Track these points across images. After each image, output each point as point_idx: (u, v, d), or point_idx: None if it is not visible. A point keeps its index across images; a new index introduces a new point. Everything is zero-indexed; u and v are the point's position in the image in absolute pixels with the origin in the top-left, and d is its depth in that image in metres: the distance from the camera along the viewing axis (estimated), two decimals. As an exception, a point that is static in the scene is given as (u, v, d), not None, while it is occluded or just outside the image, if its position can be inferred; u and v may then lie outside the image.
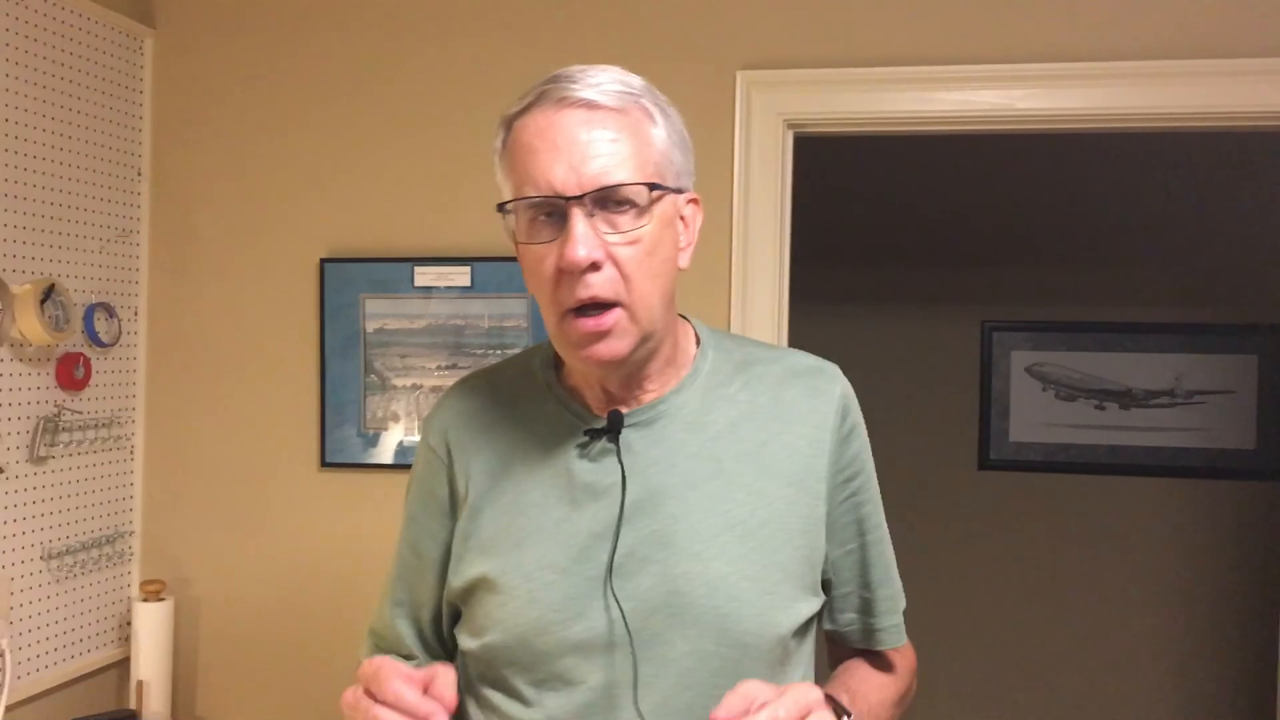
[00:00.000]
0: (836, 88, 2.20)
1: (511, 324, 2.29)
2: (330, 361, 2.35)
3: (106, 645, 2.32)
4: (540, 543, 1.15)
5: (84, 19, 2.21)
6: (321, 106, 2.37)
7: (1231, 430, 3.62)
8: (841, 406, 1.23)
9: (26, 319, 2.01)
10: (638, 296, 1.09)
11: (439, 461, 1.25)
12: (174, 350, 2.43)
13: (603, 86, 1.10)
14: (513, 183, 1.12)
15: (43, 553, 2.13)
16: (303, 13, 2.38)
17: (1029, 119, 2.16)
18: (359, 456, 2.35)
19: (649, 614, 1.12)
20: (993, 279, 3.78)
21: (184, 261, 2.43)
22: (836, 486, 1.22)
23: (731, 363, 1.24)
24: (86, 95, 2.23)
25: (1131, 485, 3.69)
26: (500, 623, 1.15)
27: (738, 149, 2.21)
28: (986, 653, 3.77)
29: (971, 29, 2.16)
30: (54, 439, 2.13)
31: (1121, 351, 3.68)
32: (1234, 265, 3.61)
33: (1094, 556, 3.71)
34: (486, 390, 1.28)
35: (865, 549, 1.25)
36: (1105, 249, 3.69)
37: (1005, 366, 3.78)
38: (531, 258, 1.11)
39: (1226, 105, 2.09)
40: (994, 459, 3.79)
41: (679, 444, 1.17)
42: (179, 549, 2.43)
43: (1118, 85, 2.11)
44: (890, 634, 1.29)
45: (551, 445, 1.20)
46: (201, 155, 2.42)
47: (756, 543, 1.15)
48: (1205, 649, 3.63)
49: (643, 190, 1.09)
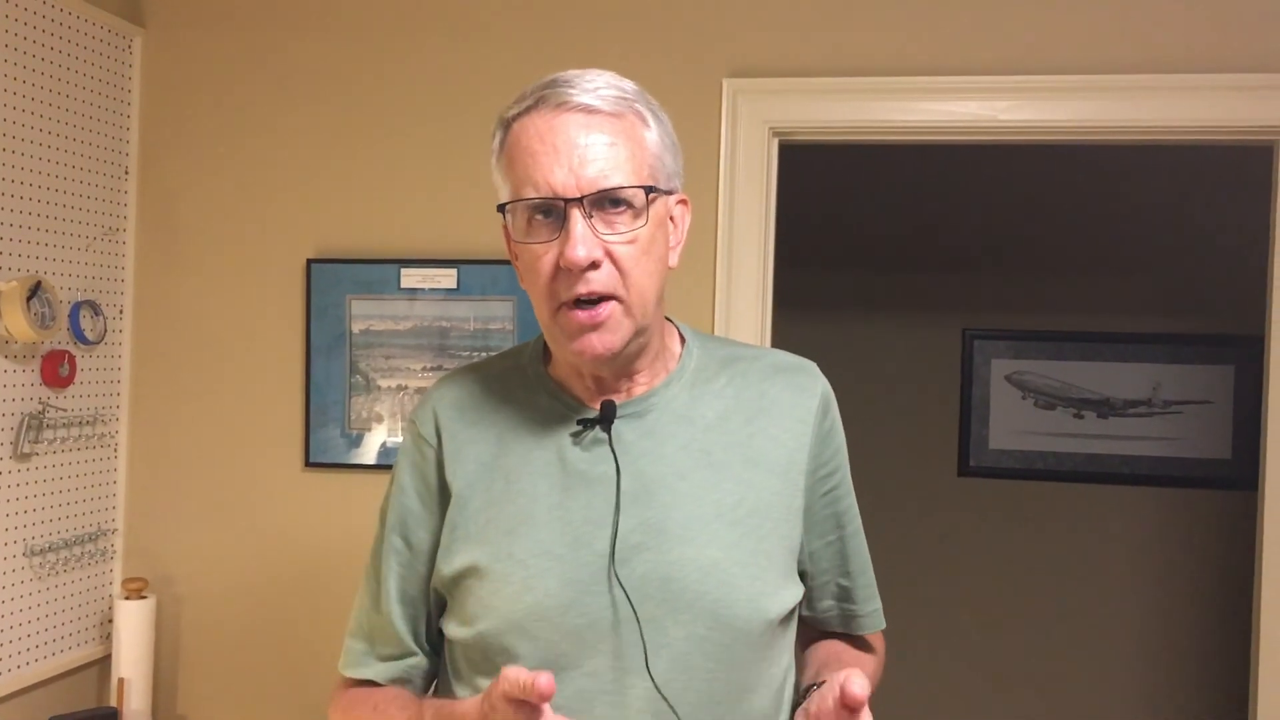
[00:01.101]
0: (822, 96, 2.22)
1: (497, 326, 2.30)
2: (316, 361, 2.36)
3: (88, 643, 2.32)
4: (533, 530, 1.17)
5: (73, 17, 2.21)
6: (310, 107, 2.38)
7: (1208, 440, 3.66)
8: (823, 403, 1.27)
9: (12, 316, 2.01)
10: (635, 293, 1.13)
11: (430, 449, 1.26)
12: (159, 349, 2.43)
13: (599, 91, 1.13)
14: (511, 183, 1.15)
15: (25, 549, 2.13)
16: (292, 13, 2.39)
17: (1012, 130, 2.19)
18: (343, 457, 2.36)
19: (643, 600, 1.14)
20: (974, 287, 3.82)
21: (171, 260, 2.43)
22: (817, 480, 1.26)
23: (716, 360, 1.27)
24: (75, 93, 2.23)
25: (1109, 493, 3.72)
26: (494, 610, 1.16)
27: (723, 156, 2.23)
28: (963, 658, 3.80)
29: (956, 41, 2.19)
30: (38, 436, 2.13)
31: (1100, 361, 3.72)
32: (1212, 277, 3.65)
33: (1072, 563, 3.74)
34: (476, 382, 1.29)
35: (844, 540, 1.30)
36: (1085, 259, 3.72)
37: (985, 374, 3.81)
38: (529, 256, 1.14)
39: (1206, 119, 2.13)
40: (973, 466, 3.82)
41: (669, 435, 1.20)
42: (161, 547, 2.43)
43: (1100, 98, 2.14)
44: (872, 619, 1.34)
45: (543, 435, 1.21)
46: (189, 154, 2.42)
47: (745, 530, 1.18)
48: (1181, 655, 3.67)
49: (639, 193, 1.12)
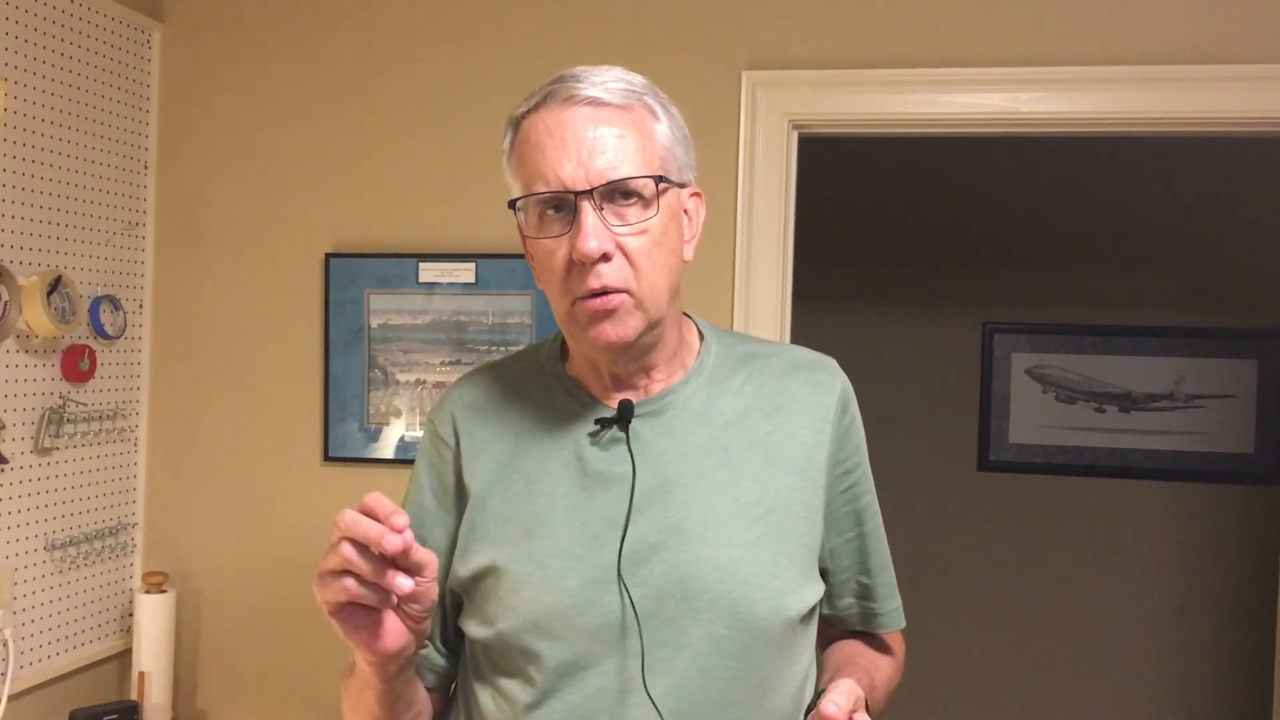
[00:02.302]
0: (841, 89, 2.21)
1: (515, 320, 2.30)
2: (334, 356, 2.36)
3: (109, 636, 2.34)
4: (553, 530, 1.17)
5: (93, 12, 2.22)
6: (328, 102, 2.38)
7: (1230, 434, 3.63)
8: (842, 399, 1.26)
9: (33, 311, 2.02)
10: (647, 285, 1.12)
11: (448, 449, 1.27)
12: (179, 343, 2.44)
13: (607, 85, 1.13)
14: (522, 180, 1.15)
15: (46, 543, 2.14)
16: (310, 8, 2.39)
17: (1033, 122, 2.17)
18: (361, 451, 2.36)
19: (662, 599, 1.13)
20: (994, 281, 3.79)
21: (190, 255, 2.44)
22: (837, 477, 1.25)
23: (734, 356, 1.27)
24: (94, 88, 2.24)
25: (1130, 488, 3.70)
26: (514, 609, 1.16)
27: (742, 149, 2.21)
28: (984, 653, 3.78)
29: (977, 32, 2.17)
30: (58, 430, 2.14)
31: (1121, 355, 3.69)
32: (1234, 270, 3.62)
33: (1092, 558, 3.72)
34: (494, 382, 1.30)
35: (864, 538, 1.29)
36: (1106, 252, 3.70)
37: (1006, 368, 3.78)
38: (542, 251, 1.14)
39: (1229, 110, 2.10)
40: (994, 460, 3.80)
41: (687, 434, 1.20)
42: (181, 541, 2.44)
43: (1121, 89, 2.12)
44: (892, 617, 1.33)
45: (561, 434, 1.21)
46: (208, 149, 2.43)
47: (764, 529, 1.17)
48: (1203, 651, 3.64)
49: (649, 183, 1.12)
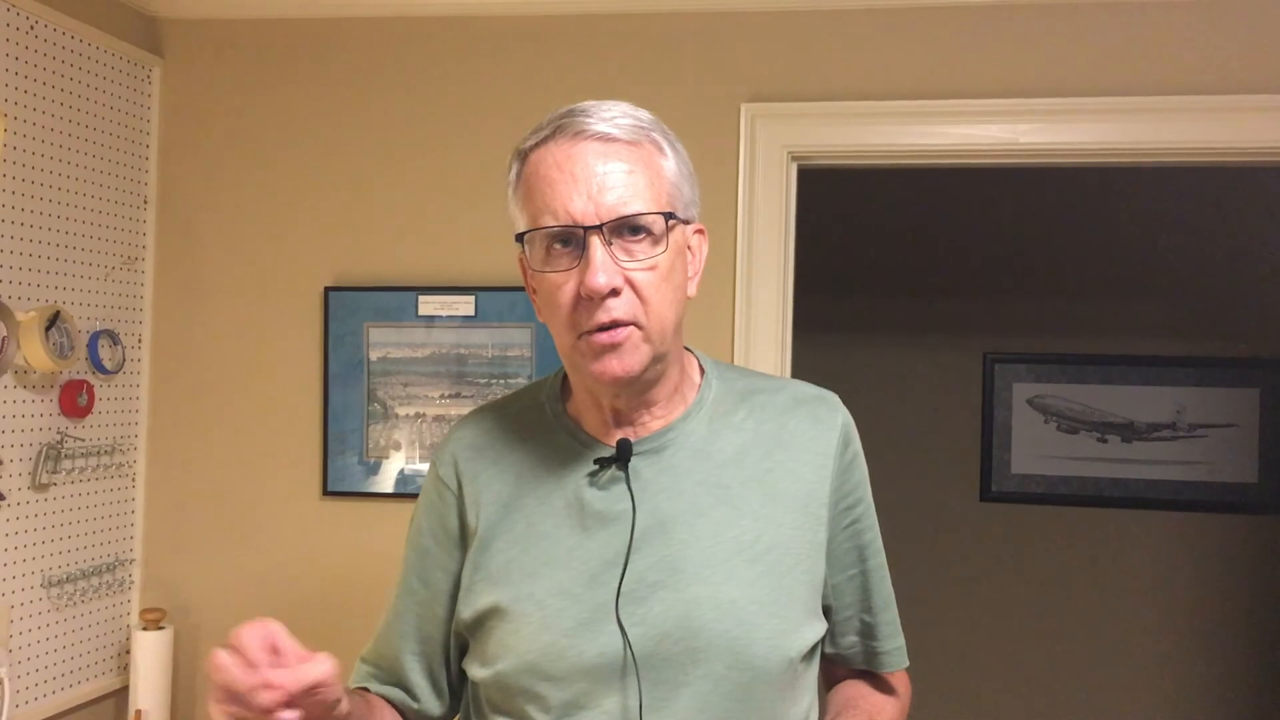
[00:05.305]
0: (840, 120, 2.21)
1: (515, 353, 2.29)
2: (333, 389, 2.35)
3: (106, 673, 2.31)
4: (553, 570, 1.16)
5: (93, 48, 2.22)
6: (327, 136, 2.39)
7: (1233, 464, 3.62)
8: (844, 435, 1.25)
9: (31, 346, 2.01)
10: (655, 319, 1.12)
11: (450, 493, 1.26)
12: (177, 378, 2.43)
13: (616, 120, 1.12)
14: (529, 213, 1.14)
15: (43, 580, 2.12)
16: (309, 43, 2.40)
17: (1032, 153, 2.18)
18: (361, 485, 2.35)
19: (660, 639, 1.12)
20: (995, 311, 3.79)
21: (189, 289, 2.43)
22: (839, 513, 1.23)
23: (735, 392, 1.26)
24: (94, 124, 2.24)
25: (1133, 518, 3.68)
26: (512, 649, 1.15)
27: (742, 180, 2.22)
28: (987, 683, 3.74)
29: (975, 64, 2.18)
30: (56, 466, 2.13)
31: (1123, 384, 3.68)
32: (1236, 299, 3.62)
33: (1096, 589, 3.70)
34: (495, 422, 1.29)
35: (867, 575, 1.27)
36: (1107, 281, 3.70)
37: (1007, 398, 3.78)
38: (548, 285, 1.13)
39: (1229, 140, 2.11)
40: (996, 491, 3.79)
41: (686, 472, 1.19)
42: (179, 577, 2.42)
43: (1120, 120, 2.12)
44: (894, 656, 1.31)
45: (562, 474, 1.21)
46: (208, 183, 2.43)
47: (764, 567, 1.16)
48: (1207, 681, 3.61)
49: (659, 219, 1.12)
